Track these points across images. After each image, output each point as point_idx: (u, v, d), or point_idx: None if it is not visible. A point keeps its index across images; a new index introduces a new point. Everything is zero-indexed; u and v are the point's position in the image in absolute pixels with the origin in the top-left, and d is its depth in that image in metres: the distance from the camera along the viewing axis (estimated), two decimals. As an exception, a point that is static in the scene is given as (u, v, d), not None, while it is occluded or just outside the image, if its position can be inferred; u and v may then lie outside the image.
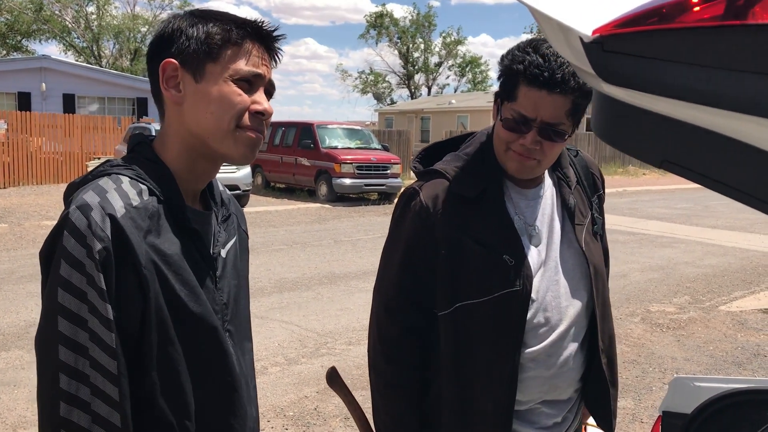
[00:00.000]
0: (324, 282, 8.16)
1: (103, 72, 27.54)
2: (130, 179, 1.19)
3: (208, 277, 1.27)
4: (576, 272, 1.68)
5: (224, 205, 1.40)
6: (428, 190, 1.66)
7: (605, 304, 1.75)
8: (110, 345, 1.10)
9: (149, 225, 1.16)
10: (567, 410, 1.72)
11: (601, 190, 1.85)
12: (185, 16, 1.24)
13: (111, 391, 1.10)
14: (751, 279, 8.71)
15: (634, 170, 29.13)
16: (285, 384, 4.99)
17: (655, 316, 6.92)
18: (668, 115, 0.65)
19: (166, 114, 1.25)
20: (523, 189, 1.69)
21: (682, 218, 14.74)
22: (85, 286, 1.08)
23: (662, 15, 0.59)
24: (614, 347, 1.78)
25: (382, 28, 57.66)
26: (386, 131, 28.79)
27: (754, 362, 5.61)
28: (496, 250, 1.59)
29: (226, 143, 1.23)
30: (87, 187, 1.16)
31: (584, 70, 0.69)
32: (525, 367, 1.62)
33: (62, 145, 19.83)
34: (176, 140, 1.25)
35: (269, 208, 15.29)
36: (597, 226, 1.77)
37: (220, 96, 1.20)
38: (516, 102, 1.55)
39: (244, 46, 1.22)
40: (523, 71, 1.52)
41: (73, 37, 45.37)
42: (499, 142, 1.63)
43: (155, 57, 1.23)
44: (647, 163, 0.74)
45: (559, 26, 0.68)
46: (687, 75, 0.58)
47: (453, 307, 1.61)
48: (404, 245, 1.67)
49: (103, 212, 1.10)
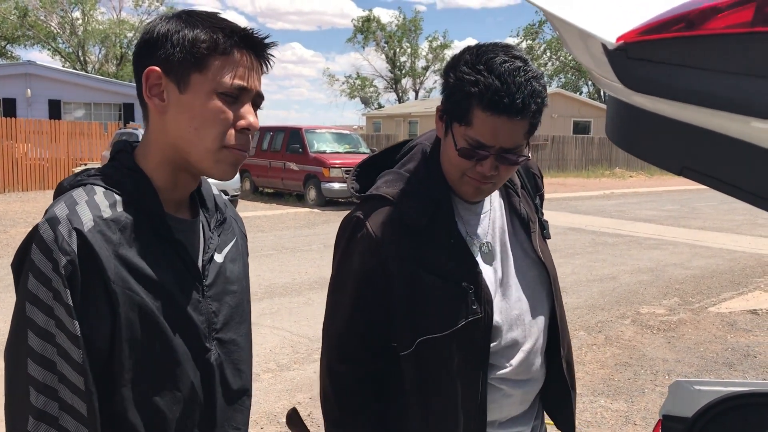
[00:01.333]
0: (315, 287, 8.13)
1: (89, 77, 27.40)
2: (105, 189, 1.16)
3: (193, 287, 1.23)
4: (536, 283, 1.62)
5: (218, 209, 1.36)
6: (375, 218, 1.51)
7: (562, 310, 1.70)
8: (78, 361, 1.08)
9: (120, 238, 1.12)
10: (534, 418, 1.70)
11: (542, 188, 1.77)
12: (172, 19, 1.19)
13: (80, 406, 1.08)
14: (739, 280, 8.77)
15: (621, 172, 29.29)
16: (278, 390, 4.96)
17: (645, 318, 6.95)
18: (691, 122, 0.64)
19: (150, 121, 1.22)
20: (470, 205, 1.59)
21: (670, 220, 14.83)
22: (52, 301, 1.07)
23: (689, 21, 0.58)
24: (572, 351, 1.74)
25: (369, 33, 57.76)
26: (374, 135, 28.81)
27: (744, 363, 5.64)
28: (454, 279, 1.49)
29: (207, 162, 1.18)
30: (60, 199, 1.14)
31: (604, 77, 0.69)
32: (496, 388, 1.56)
33: (48, 151, 19.68)
34: (157, 150, 1.21)
35: (258, 213, 15.23)
36: (546, 231, 1.70)
37: (203, 112, 1.16)
38: (471, 127, 1.41)
39: (232, 57, 1.17)
40: (478, 95, 1.37)
41: (59, 42, 45.09)
42: (453, 169, 1.50)
43: (140, 61, 1.19)
44: (666, 170, 0.74)
45: (579, 33, 0.67)
46: (715, 82, 0.57)
47: (414, 344, 1.50)
48: (354, 283, 1.53)
49: (69, 226, 1.08)
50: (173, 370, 1.20)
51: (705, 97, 0.59)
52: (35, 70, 24.00)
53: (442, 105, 1.51)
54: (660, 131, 0.69)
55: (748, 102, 0.57)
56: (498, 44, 1.46)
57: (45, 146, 19.62)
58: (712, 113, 0.61)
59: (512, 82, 1.37)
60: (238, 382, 1.35)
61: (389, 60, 59.37)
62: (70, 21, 44.06)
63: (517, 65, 1.39)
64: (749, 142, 0.61)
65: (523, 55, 1.44)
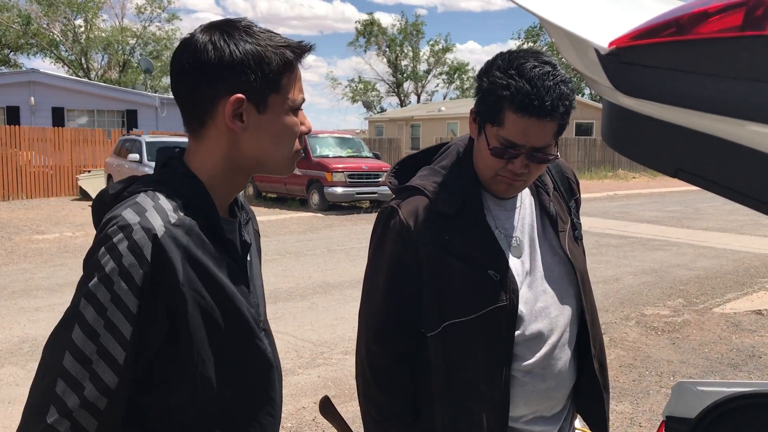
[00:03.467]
0: (318, 291, 8.14)
1: (92, 85, 27.50)
2: (166, 196, 1.20)
3: (244, 284, 1.30)
4: (563, 280, 1.67)
5: (244, 208, 1.43)
6: (407, 207, 1.63)
7: (593, 311, 1.74)
8: (119, 362, 1.12)
9: (189, 241, 1.18)
10: (563, 420, 1.72)
11: (578, 194, 1.84)
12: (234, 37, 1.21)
13: (99, 401, 1.11)
14: (743, 280, 8.75)
15: (624, 174, 29.26)
16: (283, 395, 4.96)
17: (649, 320, 6.94)
18: (684, 125, 0.65)
19: (211, 136, 1.25)
20: (501, 200, 1.68)
21: (673, 221, 14.81)
22: (109, 303, 1.10)
23: (679, 26, 0.59)
24: (604, 352, 1.78)
25: (372, 36, 57.87)
26: (377, 139, 28.80)
27: (749, 363, 5.63)
28: (480, 266, 1.58)
29: (285, 167, 1.30)
30: (124, 205, 1.17)
31: (598, 81, 0.69)
32: (520, 381, 1.61)
33: (52, 158, 19.73)
34: (221, 159, 1.26)
35: (261, 218, 15.25)
36: (578, 231, 1.76)
37: (284, 128, 1.26)
38: (503, 128, 1.52)
39: (296, 72, 1.26)
40: (510, 98, 1.48)
41: (62, 50, 45.26)
42: (486, 168, 1.60)
43: (207, 86, 1.21)
44: (660, 172, 0.74)
45: (572, 38, 0.68)
46: (706, 86, 0.58)
47: (441, 326, 1.59)
48: (387, 267, 1.64)
49: (143, 233, 1.12)
50: (235, 365, 1.27)
51: (696, 100, 0.60)
52: (39, 78, 24.09)
53: (475, 107, 1.61)
54: (654, 134, 0.70)
55: (739, 105, 0.57)
56: (529, 50, 1.56)
57: (49, 154, 19.68)
58: (703, 116, 0.62)
59: (542, 85, 1.46)
60: (280, 367, 1.45)
61: (391, 64, 59.47)
62: (72, 29, 44.23)
63: (546, 70, 1.49)
64: (741, 144, 0.62)
65: (552, 61, 1.53)
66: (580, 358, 1.72)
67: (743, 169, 0.65)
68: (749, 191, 0.67)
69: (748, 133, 0.61)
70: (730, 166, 0.66)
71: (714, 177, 0.68)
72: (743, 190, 0.68)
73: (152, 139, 17.24)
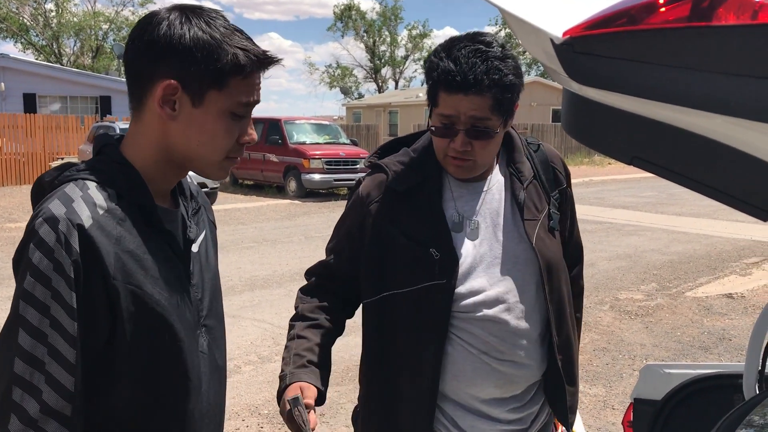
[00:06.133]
0: (296, 279, 8.12)
1: (64, 70, 27.04)
2: (97, 184, 1.16)
3: (184, 276, 1.26)
4: (528, 268, 1.69)
5: (193, 197, 1.38)
6: (368, 182, 1.76)
7: (561, 301, 1.74)
8: (70, 361, 1.08)
9: (120, 231, 1.13)
10: (529, 405, 1.73)
11: (565, 184, 1.83)
12: (191, 25, 1.16)
13: (62, 407, 1.07)
14: (715, 265, 8.90)
15: (600, 160, 29.51)
16: (259, 382, 4.97)
17: (623, 304, 7.04)
18: (638, 114, 0.67)
19: (146, 120, 1.21)
20: (466, 183, 1.72)
21: (648, 206, 14.98)
22: (49, 300, 1.06)
23: (630, 17, 0.60)
24: (572, 345, 1.78)
25: (350, 20, 57.54)
26: (354, 126, 28.72)
27: (719, 346, 5.74)
28: (423, 243, 1.64)
29: (209, 170, 1.25)
30: (53, 196, 1.13)
31: (555, 70, 0.70)
32: (477, 359, 1.64)
33: (24, 145, 19.42)
34: (153, 146, 1.22)
35: (238, 206, 15.17)
36: (553, 222, 1.75)
37: (214, 130, 1.19)
38: (438, 107, 1.61)
39: (250, 78, 1.20)
40: (437, 78, 1.57)
41: (32, 35, 44.42)
42: (437, 150, 1.68)
43: (151, 64, 1.16)
44: (617, 160, 0.76)
45: (530, 28, 0.69)
46: (655, 75, 0.59)
47: (379, 295, 1.69)
48: (342, 231, 1.81)
49: (69, 224, 1.08)
50: (182, 360, 1.23)
51: (647, 89, 0.61)
52: (9, 63, 23.61)
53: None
54: (609, 122, 0.71)
55: (685, 94, 0.59)
56: (470, 34, 1.61)
57: (21, 141, 19.36)
58: (655, 105, 0.63)
59: (466, 62, 1.54)
60: (223, 367, 1.40)
61: (368, 49, 59.21)
62: (43, 13, 43.41)
63: (476, 47, 1.56)
64: (691, 131, 0.64)
65: (489, 40, 1.58)
66: (549, 348, 1.73)
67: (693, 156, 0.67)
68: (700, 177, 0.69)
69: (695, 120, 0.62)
70: (681, 153, 0.67)
71: (667, 164, 0.70)
72: (695, 176, 0.69)
73: (126, 125, 16.96)
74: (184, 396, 1.25)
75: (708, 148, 0.65)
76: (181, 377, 1.24)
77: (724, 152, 0.63)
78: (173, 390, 1.23)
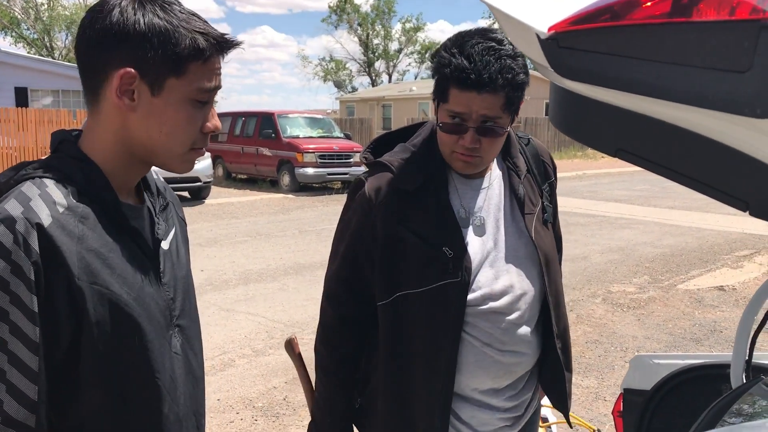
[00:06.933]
0: (289, 272, 8.15)
1: (56, 64, 26.87)
2: (55, 181, 1.10)
3: (153, 275, 1.21)
4: (528, 261, 1.72)
5: (160, 194, 1.32)
6: (373, 182, 1.70)
7: (558, 292, 1.79)
8: (33, 369, 1.02)
9: (83, 229, 1.08)
10: (523, 392, 1.77)
11: (553, 177, 1.87)
12: (146, 12, 1.11)
13: (25, 418, 1.02)
14: (707, 257, 8.95)
15: (593, 153, 29.55)
16: (253, 375, 4.99)
17: (615, 297, 7.08)
18: (622, 107, 0.68)
19: (104, 112, 1.15)
20: (468, 179, 1.73)
21: (641, 200, 15.04)
22: (8, 305, 1.00)
23: (614, 12, 0.61)
24: (568, 333, 1.83)
25: (344, 14, 57.42)
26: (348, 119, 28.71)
27: (711, 338, 5.79)
28: (436, 242, 1.64)
29: (172, 162, 1.19)
30: (8, 196, 1.06)
31: (542, 65, 0.72)
32: (480, 351, 1.66)
33: (16, 140, 19.31)
34: (113, 140, 1.16)
35: (231, 200, 15.16)
36: (547, 215, 1.79)
37: (176, 118, 1.15)
38: (449, 104, 1.59)
39: (209, 63, 1.15)
40: (449, 74, 1.55)
41: (23, 28, 44.14)
42: (443, 146, 1.67)
43: (106, 53, 1.11)
44: (603, 153, 0.78)
45: (517, 24, 0.71)
46: (637, 69, 0.61)
47: (392, 296, 1.66)
48: (348, 236, 1.73)
49: (28, 224, 1.01)
50: (153, 363, 1.18)
51: (630, 83, 0.63)
52: (0, 57, 23.49)
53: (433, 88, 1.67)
54: (594, 115, 0.73)
55: (666, 87, 0.60)
56: (480, 29, 1.61)
57: (12, 135, 19.25)
58: (638, 98, 0.65)
59: (480, 60, 1.52)
60: (198, 369, 1.35)
61: (362, 43, 59.12)
62: (34, 6, 43.14)
63: (489, 45, 1.54)
64: (673, 124, 0.65)
65: (499, 37, 1.57)
66: (544, 337, 1.77)
67: (675, 148, 0.68)
68: (682, 169, 0.71)
69: (678, 114, 0.64)
70: (664, 145, 0.69)
71: (650, 156, 0.71)
72: (677, 168, 0.71)
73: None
74: (158, 399, 1.20)
75: (689, 140, 0.67)
76: (152, 380, 1.19)
77: (704, 144, 0.65)
78: (145, 394, 1.18)
